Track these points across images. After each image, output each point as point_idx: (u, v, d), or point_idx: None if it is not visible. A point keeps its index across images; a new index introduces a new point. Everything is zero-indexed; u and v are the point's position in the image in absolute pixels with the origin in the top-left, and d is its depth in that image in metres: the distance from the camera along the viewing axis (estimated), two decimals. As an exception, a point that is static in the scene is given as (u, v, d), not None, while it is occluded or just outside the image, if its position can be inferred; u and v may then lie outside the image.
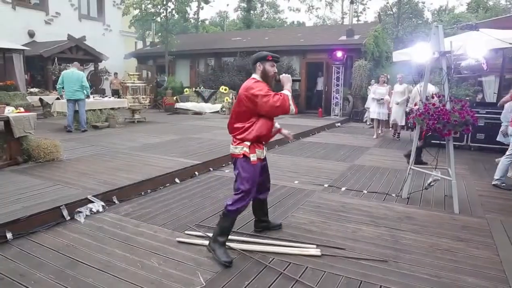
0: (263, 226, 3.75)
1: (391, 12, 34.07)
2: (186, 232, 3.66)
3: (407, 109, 8.80)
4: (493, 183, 5.63)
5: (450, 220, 4.21)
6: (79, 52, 15.82)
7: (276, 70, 3.42)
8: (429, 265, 3.12)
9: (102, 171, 5.48)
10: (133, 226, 3.79)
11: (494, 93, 14.19)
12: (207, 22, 37.89)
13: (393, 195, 5.07)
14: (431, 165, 4.89)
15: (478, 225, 4.06)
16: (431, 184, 4.72)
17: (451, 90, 5.27)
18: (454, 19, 28.25)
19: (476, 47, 5.64)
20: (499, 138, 6.77)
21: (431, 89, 7.24)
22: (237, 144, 3.27)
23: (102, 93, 16.01)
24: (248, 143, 3.23)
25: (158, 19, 18.83)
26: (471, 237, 3.73)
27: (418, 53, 5.09)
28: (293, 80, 3.46)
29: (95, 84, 17.25)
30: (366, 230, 3.83)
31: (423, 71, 4.91)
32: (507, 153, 5.55)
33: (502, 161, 5.60)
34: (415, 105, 4.59)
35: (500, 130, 6.66)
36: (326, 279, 2.85)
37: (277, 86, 3.45)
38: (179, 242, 3.42)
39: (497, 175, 5.62)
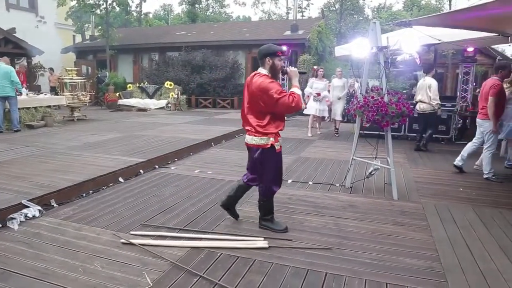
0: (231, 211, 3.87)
1: (334, 8, 35.13)
2: (131, 232, 3.54)
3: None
4: (485, 177, 5.73)
5: (389, 206, 4.44)
6: (8, 45, 14.62)
7: (283, 63, 3.60)
8: (372, 249, 3.28)
9: (38, 173, 5.15)
10: (74, 229, 3.60)
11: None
12: (150, 15, 36.81)
13: (337, 185, 5.25)
14: (371, 155, 5.12)
15: (415, 209, 4.33)
16: (372, 173, 4.95)
17: (390, 83, 5.54)
18: (392, 16, 29.73)
19: (410, 43, 5.96)
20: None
21: (433, 83, 7.62)
22: (262, 135, 3.45)
23: (37, 89, 15.00)
24: (274, 134, 3.46)
25: (98, 11, 17.95)
26: (408, 221, 3.97)
27: (357, 48, 5.28)
28: (299, 73, 3.63)
29: (29, 80, 16.13)
30: (312, 220, 3.94)
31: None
32: (485, 146, 5.76)
33: (484, 155, 5.78)
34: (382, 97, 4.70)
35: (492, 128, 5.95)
36: (274, 270, 2.90)
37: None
38: (124, 243, 3.31)
39: (486, 169, 5.75)
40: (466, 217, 4.12)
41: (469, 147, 6.02)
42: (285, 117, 3.70)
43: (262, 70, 3.47)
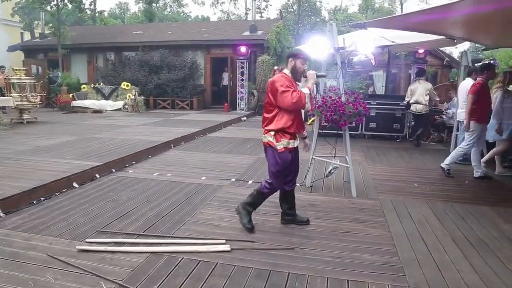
0: (288, 219, 3.84)
1: (292, 10, 35.65)
2: (86, 240, 3.38)
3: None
4: (442, 165, 5.95)
5: (349, 204, 4.54)
6: None
7: (306, 67, 3.62)
8: (332, 247, 3.33)
9: (-17, 180, 4.82)
10: (23, 240, 3.38)
11: (382, 86, 15.72)
12: (105, 13, 35.59)
13: (297, 184, 5.25)
14: (330, 154, 5.20)
15: (373, 206, 4.45)
16: (331, 172, 5.02)
17: (346, 84, 5.65)
18: (347, 18, 30.59)
19: (365, 44, 6.13)
20: (493, 137, 6.04)
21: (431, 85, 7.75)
22: (265, 133, 3.58)
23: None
24: (273, 133, 3.51)
25: (48, 7, 17.10)
26: (367, 218, 4.07)
27: (315, 49, 5.36)
28: (318, 76, 3.63)
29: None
30: (273, 220, 3.93)
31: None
32: (464, 143, 5.83)
33: (457, 149, 5.91)
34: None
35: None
36: (237, 273, 2.86)
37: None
38: (79, 251, 3.15)
39: (447, 161, 5.90)
40: (421, 211, 4.29)
41: (473, 154, 5.89)
42: (300, 119, 3.67)
43: (285, 70, 3.62)
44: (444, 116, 9.38)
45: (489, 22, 5.56)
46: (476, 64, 7.70)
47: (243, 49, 14.77)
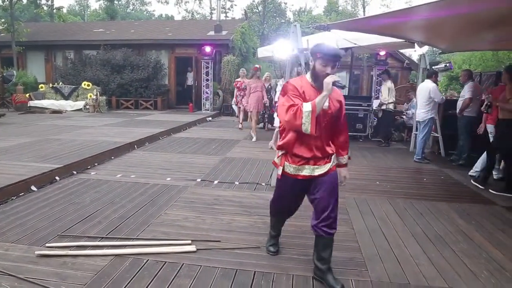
0: (317, 273, 2.88)
1: (257, 10, 35.85)
2: (47, 245, 3.25)
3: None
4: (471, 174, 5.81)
5: (313, 202, 4.61)
6: None
7: (329, 71, 2.60)
8: (298, 245, 3.38)
9: None
10: (-24, 246, 3.21)
11: (346, 86, 16.10)
12: (64, 10, 34.30)
13: (263, 184, 5.33)
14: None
15: (337, 204, 4.55)
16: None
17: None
18: (312, 20, 31.16)
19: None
20: None
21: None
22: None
23: None
24: (280, 152, 2.84)
25: (0, 2, 16.25)
26: (331, 216, 4.15)
27: (279, 50, 5.43)
28: (334, 85, 2.56)
29: None
30: (239, 220, 3.95)
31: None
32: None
33: (481, 157, 5.71)
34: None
35: None
36: (203, 273, 2.86)
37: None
38: (39, 257, 3.02)
39: (477, 167, 5.74)
40: (382, 208, 4.44)
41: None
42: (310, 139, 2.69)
43: (307, 73, 2.82)
44: (404, 117, 9.76)
45: (444, 27, 5.86)
46: (433, 67, 8.09)
47: (208, 49, 14.69)
